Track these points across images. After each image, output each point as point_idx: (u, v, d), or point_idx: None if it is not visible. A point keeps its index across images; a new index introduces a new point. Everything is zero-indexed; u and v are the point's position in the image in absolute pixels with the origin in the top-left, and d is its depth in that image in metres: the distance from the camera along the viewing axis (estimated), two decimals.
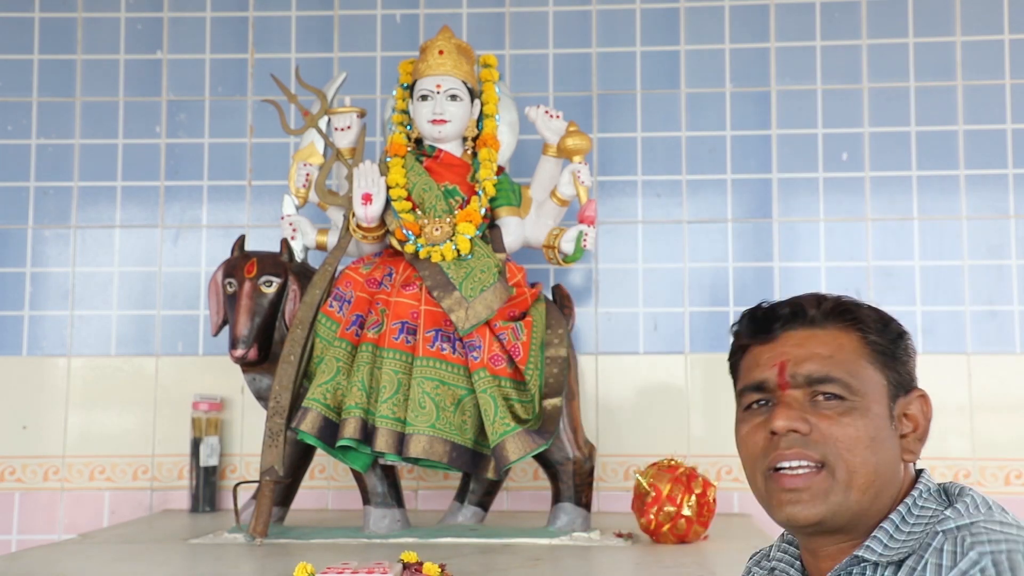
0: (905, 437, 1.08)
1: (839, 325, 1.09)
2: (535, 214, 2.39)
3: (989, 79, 2.74)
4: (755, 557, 1.26)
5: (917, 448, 1.09)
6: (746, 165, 2.77)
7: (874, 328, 1.09)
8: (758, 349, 1.12)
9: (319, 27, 2.87)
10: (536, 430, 2.15)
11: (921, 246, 2.71)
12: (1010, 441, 2.62)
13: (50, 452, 2.74)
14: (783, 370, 1.07)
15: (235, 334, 2.24)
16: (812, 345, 1.08)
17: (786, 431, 1.05)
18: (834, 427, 1.04)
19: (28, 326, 2.78)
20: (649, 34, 2.83)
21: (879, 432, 1.05)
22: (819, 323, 1.09)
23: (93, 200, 2.83)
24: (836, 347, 1.08)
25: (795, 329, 1.10)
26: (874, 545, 1.03)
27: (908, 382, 1.10)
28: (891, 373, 1.08)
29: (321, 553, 1.93)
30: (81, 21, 2.88)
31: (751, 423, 1.10)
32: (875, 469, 1.04)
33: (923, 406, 1.10)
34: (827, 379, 1.06)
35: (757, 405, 1.10)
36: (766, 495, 1.08)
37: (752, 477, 1.10)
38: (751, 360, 1.12)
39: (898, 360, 1.09)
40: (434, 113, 2.31)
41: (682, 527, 2.09)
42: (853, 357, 1.07)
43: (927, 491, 1.07)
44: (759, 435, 1.08)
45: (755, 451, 1.09)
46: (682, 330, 2.71)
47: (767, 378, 1.09)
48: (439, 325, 2.15)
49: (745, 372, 1.13)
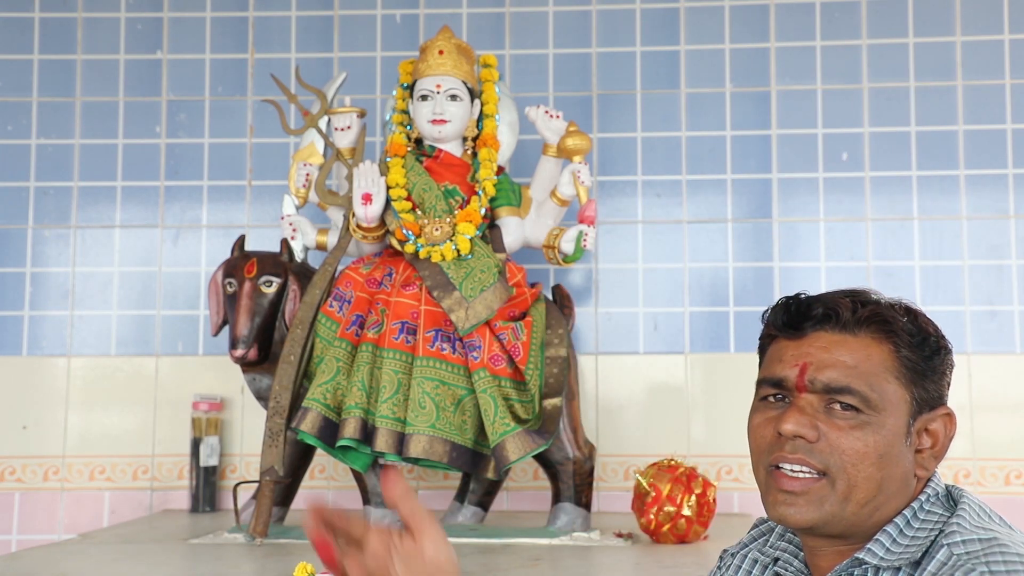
0: (921, 453, 1.06)
1: (872, 334, 1.06)
2: (535, 214, 2.39)
3: (989, 79, 2.74)
4: (760, 528, 1.23)
5: (932, 465, 1.07)
6: (746, 165, 2.77)
7: (908, 342, 1.06)
8: (784, 343, 1.10)
9: (319, 27, 2.87)
10: (536, 430, 2.15)
11: (921, 246, 2.71)
12: (1010, 441, 2.62)
13: (50, 452, 2.74)
14: (804, 372, 1.05)
15: (235, 334, 2.24)
16: (838, 351, 1.05)
17: (793, 435, 1.04)
18: (843, 439, 1.03)
19: (28, 326, 2.78)
20: (649, 34, 2.83)
21: (890, 449, 1.03)
22: (851, 329, 1.06)
23: (93, 200, 2.83)
24: (863, 357, 1.05)
25: (825, 331, 1.07)
26: (876, 549, 1.02)
27: (935, 399, 1.07)
28: (918, 390, 1.06)
29: None
30: (81, 21, 2.88)
31: (764, 415, 1.09)
32: (878, 485, 1.03)
33: (946, 424, 1.08)
34: (846, 390, 1.04)
35: (773, 399, 1.09)
36: (764, 490, 1.08)
37: (755, 466, 1.10)
38: (776, 352, 1.10)
39: (928, 378, 1.06)
40: (434, 113, 2.31)
41: (682, 527, 2.09)
42: (879, 370, 1.05)
43: (934, 495, 1.06)
44: (768, 430, 1.07)
45: (762, 444, 1.08)
46: (682, 330, 2.71)
47: (787, 376, 1.07)
48: (439, 325, 2.15)
49: (768, 363, 1.11)
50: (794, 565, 1.15)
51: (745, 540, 1.24)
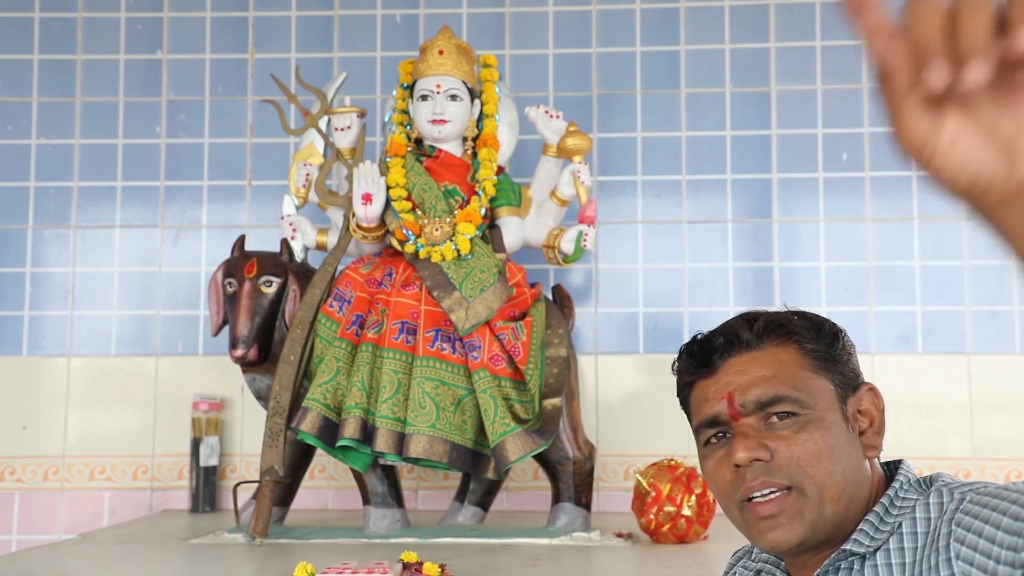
0: (863, 434, 1.08)
1: (775, 342, 1.09)
2: (535, 214, 2.39)
3: None
4: (738, 554, 1.26)
5: (877, 442, 1.09)
6: (746, 165, 2.77)
7: (809, 336, 1.09)
8: (703, 384, 1.12)
9: (319, 27, 2.87)
10: (536, 430, 2.15)
11: (921, 246, 2.71)
12: (1010, 441, 2.62)
13: (50, 452, 2.74)
14: (732, 401, 1.07)
15: (235, 334, 2.24)
16: (754, 369, 1.08)
17: (749, 462, 1.05)
18: (794, 446, 1.04)
19: (28, 326, 2.78)
20: (649, 34, 2.83)
21: (838, 439, 1.05)
22: (755, 345, 1.09)
23: (93, 200, 2.83)
24: (777, 365, 1.07)
25: (734, 356, 1.09)
26: (861, 538, 1.03)
27: (854, 380, 1.10)
28: (835, 376, 1.08)
29: (321, 553, 1.93)
30: (81, 21, 2.88)
31: (714, 458, 1.10)
32: (842, 478, 1.04)
33: (873, 398, 1.10)
34: (776, 399, 1.05)
35: (716, 439, 1.10)
36: (745, 526, 1.08)
37: (727, 509, 1.10)
38: (699, 396, 1.12)
39: (839, 361, 1.09)
40: (434, 113, 2.31)
41: (682, 527, 2.09)
42: (796, 371, 1.07)
43: (907, 482, 1.07)
44: (725, 469, 1.08)
45: (725, 485, 1.08)
46: (682, 330, 2.71)
47: (718, 411, 1.08)
48: (439, 325, 2.16)
49: (696, 408, 1.13)
50: (776, 575, 1.16)
51: (726, 568, 1.26)
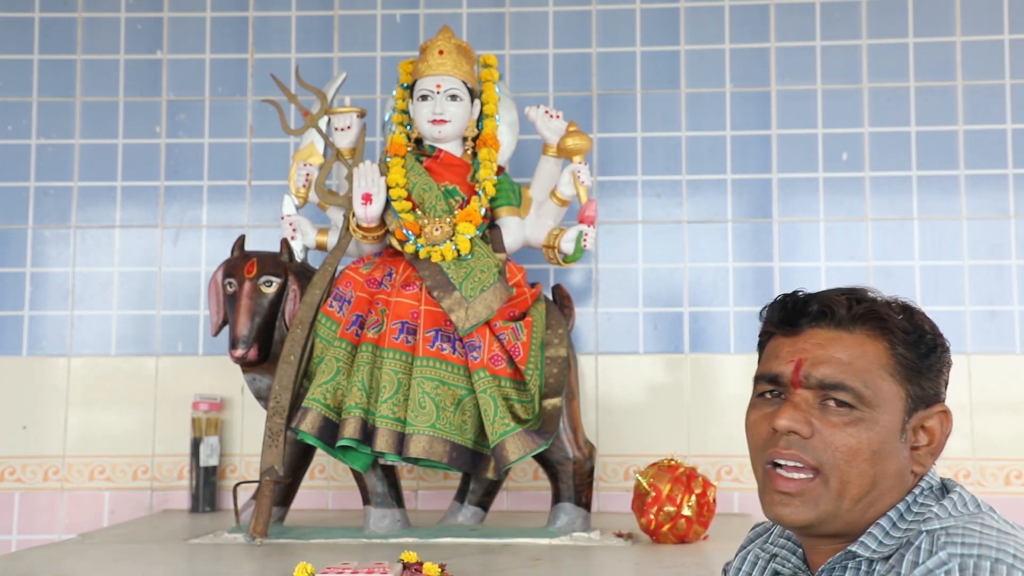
0: (917, 449, 1.07)
1: (867, 331, 1.07)
2: (535, 214, 2.39)
3: (989, 79, 2.74)
4: (756, 530, 1.25)
5: (928, 462, 1.08)
6: (746, 165, 2.77)
7: (904, 340, 1.07)
8: (781, 340, 1.11)
9: (319, 27, 2.87)
10: (536, 430, 2.15)
11: (921, 246, 2.71)
12: (1010, 441, 2.62)
13: (50, 452, 2.74)
14: (798, 368, 1.06)
15: (235, 334, 2.24)
16: (833, 348, 1.06)
17: (787, 431, 1.05)
18: (837, 435, 1.03)
19: (28, 326, 2.78)
20: (649, 34, 2.83)
21: (884, 446, 1.04)
22: (846, 326, 1.07)
23: (93, 200, 2.83)
24: (858, 354, 1.06)
25: (820, 328, 1.08)
26: (868, 541, 1.03)
27: (931, 397, 1.08)
28: (913, 387, 1.06)
29: (321, 553, 1.93)
30: (81, 21, 2.88)
31: (760, 411, 1.10)
32: (871, 481, 1.03)
33: (943, 422, 1.09)
34: (840, 386, 1.04)
35: (770, 395, 1.10)
36: (761, 488, 1.09)
37: (753, 462, 1.11)
38: (772, 349, 1.11)
39: (924, 375, 1.07)
40: (434, 113, 2.31)
41: (682, 527, 2.09)
42: (873, 367, 1.05)
43: (928, 488, 1.07)
44: (764, 426, 1.08)
45: (758, 440, 1.09)
46: (682, 330, 2.71)
47: (782, 372, 1.08)
48: (439, 325, 2.15)
49: (765, 360, 1.12)
50: (792, 561, 1.16)
51: (744, 542, 1.25)
